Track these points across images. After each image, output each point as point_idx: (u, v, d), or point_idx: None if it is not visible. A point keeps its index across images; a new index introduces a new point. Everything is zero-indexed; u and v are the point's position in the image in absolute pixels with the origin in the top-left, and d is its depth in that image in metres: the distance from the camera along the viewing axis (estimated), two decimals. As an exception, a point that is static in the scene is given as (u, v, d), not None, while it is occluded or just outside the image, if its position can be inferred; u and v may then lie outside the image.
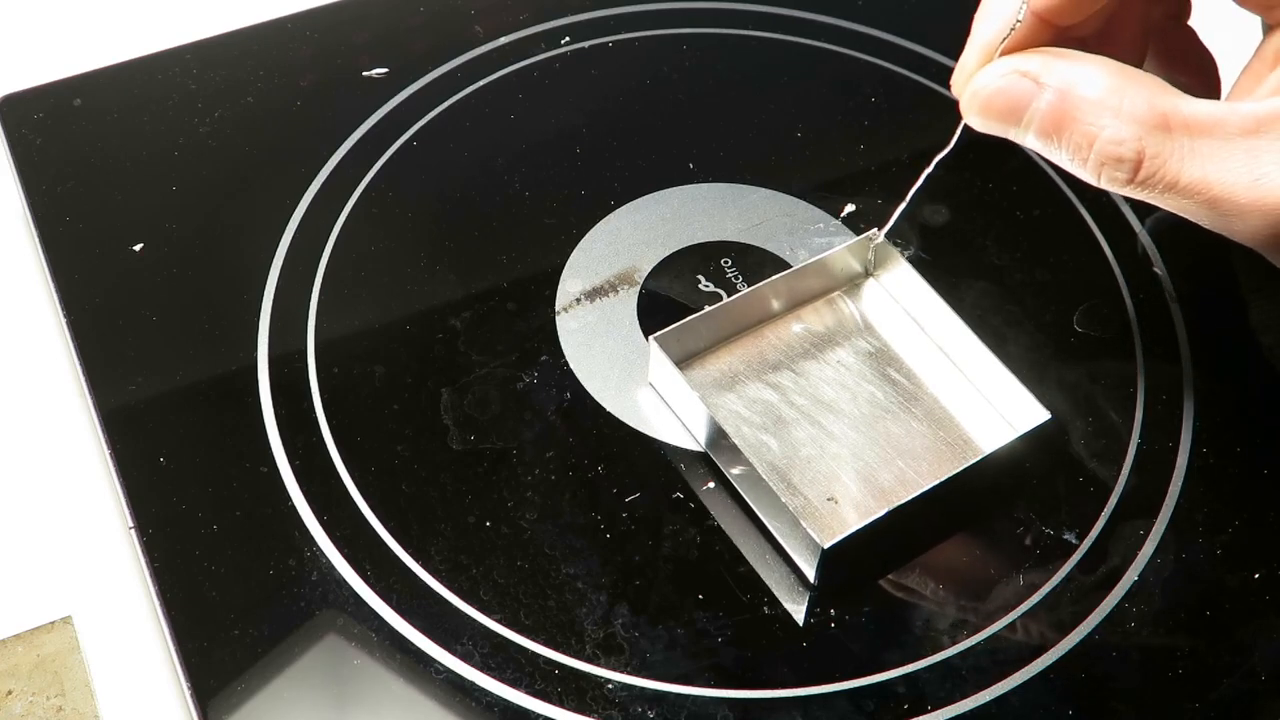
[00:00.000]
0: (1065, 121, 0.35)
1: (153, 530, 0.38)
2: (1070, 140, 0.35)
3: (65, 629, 0.37)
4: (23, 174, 0.46)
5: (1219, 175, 0.34)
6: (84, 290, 0.43)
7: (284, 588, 0.37)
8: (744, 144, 0.49)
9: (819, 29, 0.53)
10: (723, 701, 0.36)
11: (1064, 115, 0.35)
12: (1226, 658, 0.38)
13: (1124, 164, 0.34)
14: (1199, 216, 0.35)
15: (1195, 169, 0.34)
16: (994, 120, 0.37)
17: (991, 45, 0.37)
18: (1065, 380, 0.43)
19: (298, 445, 0.40)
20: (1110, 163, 0.35)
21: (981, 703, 0.36)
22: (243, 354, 0.42)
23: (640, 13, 0.53)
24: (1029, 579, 0.39)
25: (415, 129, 0.48)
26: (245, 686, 0.36)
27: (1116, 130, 0.34)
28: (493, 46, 0.51)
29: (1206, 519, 0.40)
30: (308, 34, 0.51)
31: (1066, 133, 0.35)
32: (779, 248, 0.46)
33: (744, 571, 0.38)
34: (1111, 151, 0.34)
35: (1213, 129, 0.34)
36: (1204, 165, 0.34)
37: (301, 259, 0.44)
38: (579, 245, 0.46)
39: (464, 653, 0.36)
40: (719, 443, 0.40)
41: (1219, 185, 0.34)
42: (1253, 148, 0.34)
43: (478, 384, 0.42)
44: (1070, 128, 0.35)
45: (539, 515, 0.39)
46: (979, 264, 0.46)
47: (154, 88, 0.49)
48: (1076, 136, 0.35)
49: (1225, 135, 0.34)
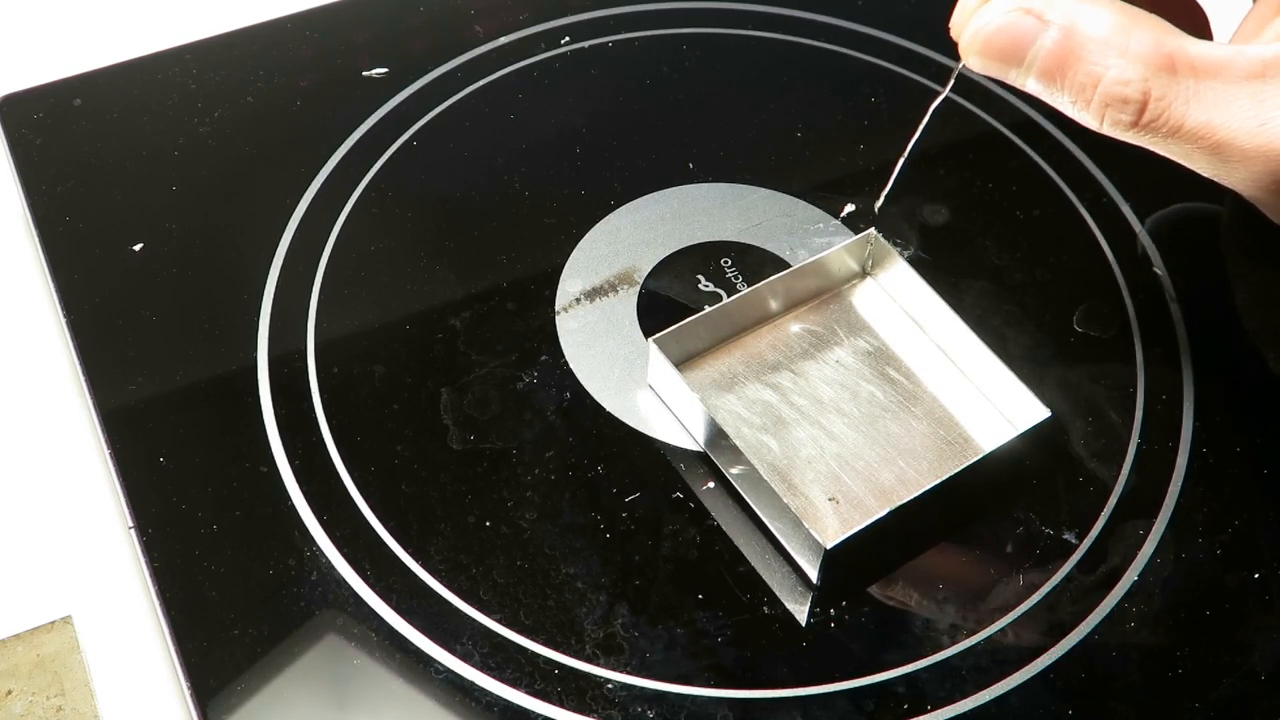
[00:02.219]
0: (1069, 61, 0.34)
1: (153, 530, 0.38)
2: (1074, 81, 0.34)
3: (65, 629, 0.37)
4: (23, 174, 0.46)
5: (1224, 119, 0.33)
6: (84, 290, 0.43)
7: (284, 588, 0.37)
8: (744, 144, 0.49)
9: (819, 29, 0.53)
10: (723, 701, 0.36)
11: (1068, 54, 0.34)
12: (1226, 658, 0.38)
13: (1129, 105, 0.33)
14: (1199, 163, 0.34)
15: (1200, 112, 0.33)
16: (994, 60, 0.35)
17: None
18: (1065, 380, 0.43)
19: (298, 445, 0.40)
20: (1115, 104, 0.34)
21: (981, 703, 0.36)
22: (243, 354, 0.42)
23: (640, 13, 0.53)
24: (1029, 579, 0.39)
25: (415, 129, 0.48)
26: (245, 686, 0.36)
27: (1122, 70, 0.33)
28: (493, 46, 0.51)
29: (1206, 519, 0.40)
30: (308, 34, 0.51)
31: (1070, 72, 0.34)
32: (779, 248, 0.46)
33: (744, 571, 0.38)
34: (1117, 93, 0.33)
35: (1219, 72, 0.33)
36: (1209, 109, 0.33)
37: (301, 259, 0.44)
38: (579, 245, 0.46)
39: (464, 653, 0.36)
40: (719, 443, 0.40)
41: (1224, 129, 0.33)
42: (1258, 92, 0.33)
43: (478, 384, 0.42)
44: (1074, 67, 0.34)
45: (539, 515, 0.39)
46: (979, 264, 0.46)
47: (154, 88, 0.49)
48: (1081, 76, 0.34)
49: (1231, 79, 0.33)
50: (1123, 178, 0.48)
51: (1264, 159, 0.33)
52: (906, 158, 0.41)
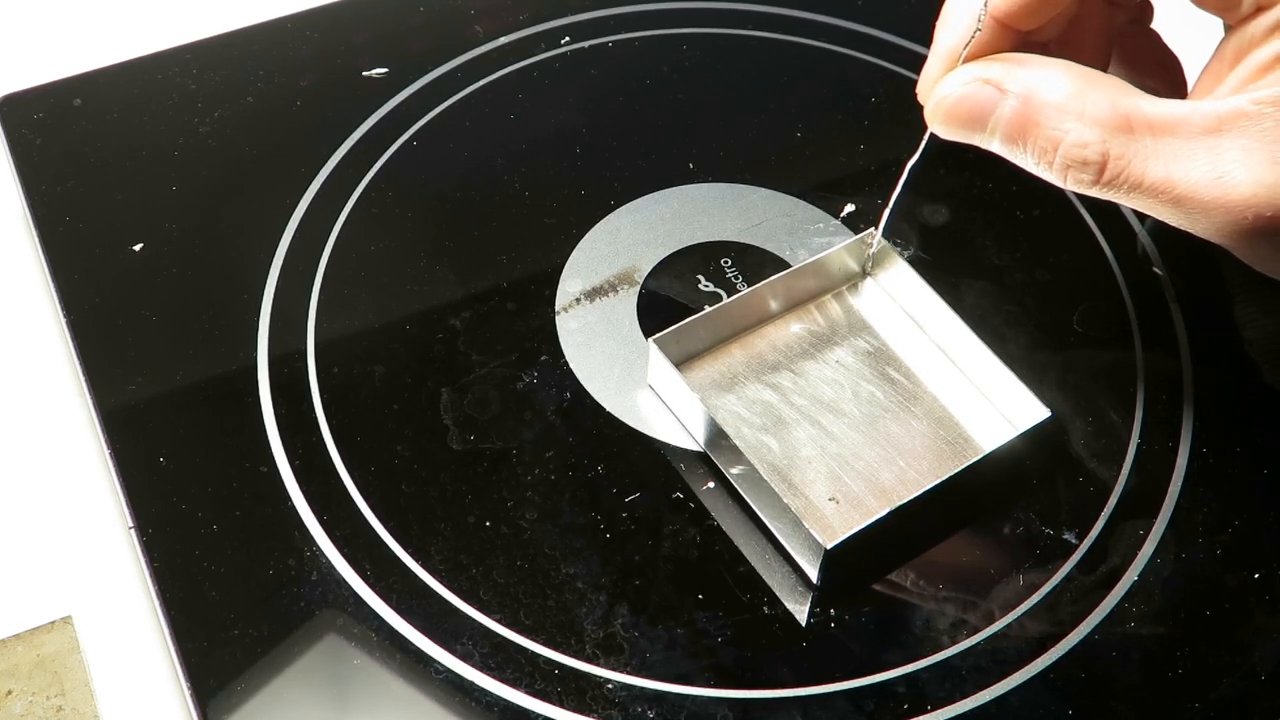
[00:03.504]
0: (1029, 127, 0.35)
1: (153, 530, 0.38)
2: (1035, 145, 0.35)
3: (65, 629, 0.37)
4: (23, 174, 0.46)
5: (1183, 174, 0.34)
6: (84, 290, 0.43)
7: (284, 588, 0.37)
8: (744, 144, 0.49)
9: (819, 29, 0.53)
10: (723, 701, 0.36)
11: (1027, 121, 0.35)
12: (1226, 657, 0.38)
13: (1089, 166, 0.34)
14: (1165, 215, 0.35)
15: (1159, 169, 0.34)
16: (958, 128, 0.36)
17: (953, 53, 0.37)
18: (1065, 380, 0.43)
19: (298, 445, 0.40)
20: (1076, 165, 0.35)
21: (981, 703, 0.36)
22: (243, 354, 0.42)
23: (640, 13, 0.53)
24: (1029, 579, 0.39)
25: (415, 129, 0.48)
26: (245, 686, 0.36)
27: (1080, 134, 0.34)
28: (493, 46, 0.51)
29: (1206, 519, 0.40)
30: (308, 34, 0.51)
31: (1031, 138, 0.35)
32: (779, 248, 0.46)
33: (744, 571, 0.38)
34: (1076, 155, 0.34)
35: (1175, 128, 0.34)
36: (1167, 165, 0.34)
37: (301, 259, 0.44)
38: (579, 245, 0.46)
39: (464, 653, 0.36)
40: (719, 444, 0.40)
41: (1183, 184, 0.34)
42: (1215, 145, 0.34)
43: (478, 384, 0.42)
44: (1034, 133, 0.35)
45: (539, 515, 0.39)
46: (979, 264, 0.46)
47: (154, 88, 0.49)
48: (1041, 141, 0.35)
49: (1188, 134, 0.34)
50: (1123, 178, 0.48)
51: (1224, 210, 0.34)
52: (892, 208, 0.41)
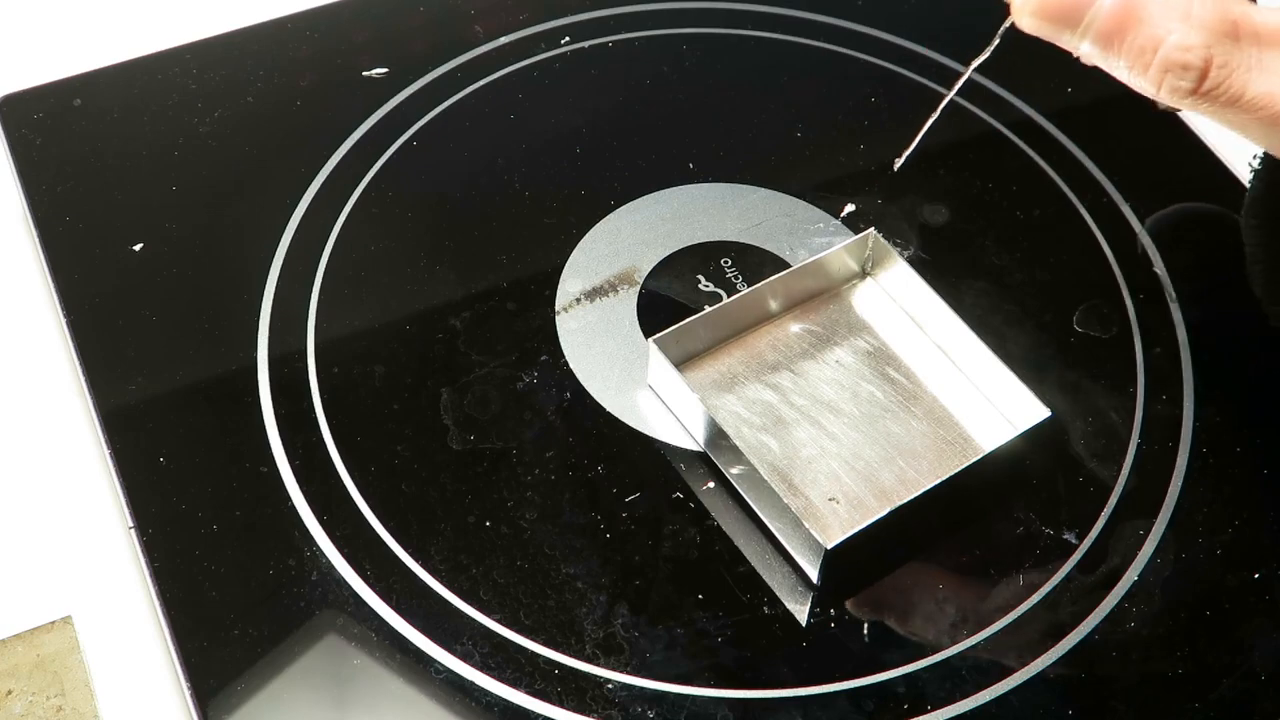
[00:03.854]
0: (1129, 24, 0.33)
1: (153, 530, 0.38)
2: (1133, 45, 0.33)
3: (65, 629, 0.37)
4: (23, 174, 0.46)
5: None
6: (84, 290, 0.43)
7: (284, 588, 0.37)
8: (744, 144, 0.49)
9: (819, 29, 0.53)
10: (723, 701, 0.36)
11: (1129, 16, 0.33)
12: (1226, 658, 0.38)
13: (1190, 72, 0.32)
14: (1254, 133, 0.34)
15: (1263, 82, 0.32)
16: (1049, 21, 0.34)
17: None
18: (1065, 380, 0.43)
19: (298, 445, 0.40)
20: (1175, 70, 0.33)
21: (981, 703, 0.36)
22: (243, 354, 0.42)
23: (640, 13, 0.53)
24: (1029, 579, 0.39)
25: (415, 129, 0.48)
26: (245, 686, 0.36)
27: (1184, 36, 0.32)
28: (493, 46, 0.51)
29: (1206, 519, 0.40)
30: (308, 34, 0.51)
31: (1130, 36, 0.33)
32: (779, 248, 0.46)
33: (744, 571, 0.38)
34: (1178, 58, 0.32)
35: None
36: (1271, 79, 0.32)
37: (301, 259, 0.44)
38: (579, 245, 0.46)
39: (464, 653, 0.36)
40: (719, 443, 0.40)
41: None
42: None
43: (478, 384, 0.42)
44: (1134, 30, 0.33)
45: (539, 515, 0.39)
46: (979, 264, 0.46)
47: (154, 88, 0.49)
48: (1140, 40, 0.33)
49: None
50: (1123, 178, 0.48)
51: None
52: (929, 125, 0.39)
